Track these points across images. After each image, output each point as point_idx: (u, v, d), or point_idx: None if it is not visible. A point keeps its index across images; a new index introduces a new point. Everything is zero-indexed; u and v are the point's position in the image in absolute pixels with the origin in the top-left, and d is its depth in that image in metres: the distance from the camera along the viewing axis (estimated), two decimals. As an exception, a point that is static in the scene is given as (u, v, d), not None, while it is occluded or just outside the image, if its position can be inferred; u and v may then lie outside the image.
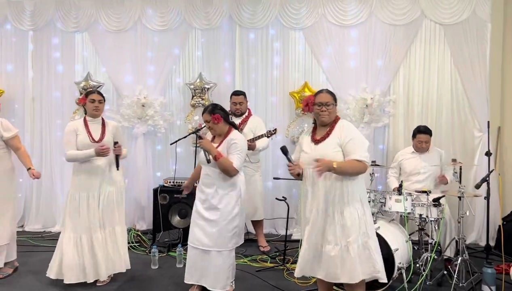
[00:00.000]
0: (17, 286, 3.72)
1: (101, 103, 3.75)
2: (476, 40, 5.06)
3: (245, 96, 4.78)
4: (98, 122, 3.75)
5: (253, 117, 4.76)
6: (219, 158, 3.25)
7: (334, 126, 2.88)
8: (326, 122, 2.89)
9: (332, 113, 2.89)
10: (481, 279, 3.62)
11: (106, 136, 3.71)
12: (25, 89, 5.76)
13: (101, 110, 3.76)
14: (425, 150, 4.44)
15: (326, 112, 2.86)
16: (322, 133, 2.89)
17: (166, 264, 4.30)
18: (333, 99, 2.91)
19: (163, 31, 5.55)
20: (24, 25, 5.69)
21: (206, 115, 3.40)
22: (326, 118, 2.87)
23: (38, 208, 5.74)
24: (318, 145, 2.85)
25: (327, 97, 2.90)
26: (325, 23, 5.31)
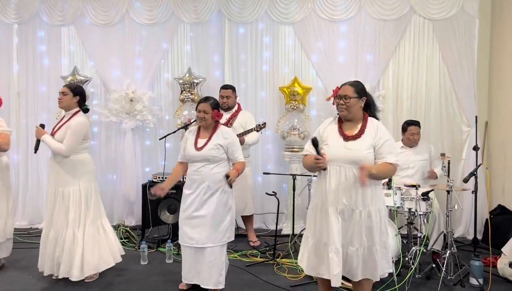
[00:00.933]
0: (3, 283, 3.66)
1: (65, 95, 3.60)
2: (464, 35, 5.10)
3: (234, 90, 4.75)
4: (67, 116, 3.63)
5: (243, 112, 4.74)
6: (240, 172, 3.40)
7: (366, 124, 2.72)
8: (346, 117, 2.74)
9: (353, 107, 2.69)
10: (469, 271, 3.68)
11: (60, 131, 3.57)
12: (10, 84, 5.65)
13: (64, 102, 3.61)
14: (417, 142, 4.47)
15: (344, 106, 2.70)
16: (352, 129, 2.72)
17: (156, 260, 4.27)
18: (356, 92, 2.69)
19: (151, 25, 5.49)
20: (8, 18, 5.58)
21: (207, 106, 3.36)
22: (344, 113, 2.71)
23: (25, 204, 5.67)
24: (350, 143, 2.67)
25: (346, 90, 2.71)
26: (314, 17, 5.30)
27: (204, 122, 3.40)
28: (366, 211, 2.67)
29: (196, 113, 3.41)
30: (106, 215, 3.88)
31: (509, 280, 3.71)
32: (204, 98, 3.47)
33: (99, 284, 3.63)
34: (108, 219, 5.55)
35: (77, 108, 3.66)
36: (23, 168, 5.67)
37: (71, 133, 3.50)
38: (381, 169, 2.63)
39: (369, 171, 2.54)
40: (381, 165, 2.65)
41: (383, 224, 2.75)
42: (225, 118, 4.63)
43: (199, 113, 3.38)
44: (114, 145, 5.64)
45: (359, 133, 2.70)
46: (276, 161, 5.51)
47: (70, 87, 3.69)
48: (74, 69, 5.52)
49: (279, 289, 3.57)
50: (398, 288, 3.43)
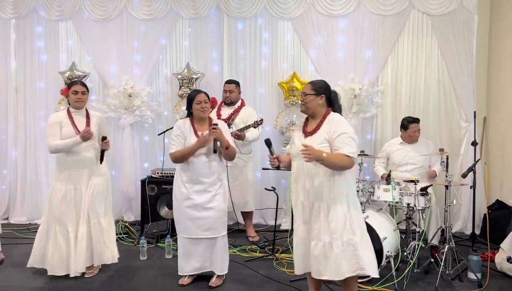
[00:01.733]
0: (3, 279, 3.67)
1: (84, 94, 3.63)
2: (463, 31, 5.10)
3: (238, 85, 4.76)
4: (82, 114, 3.66)
5: (246, 108, 4.74)
6: (229, 147, 3.38)
7: (323, 120, 2.81)
8: (305, 113, 2.89)
9: (311, 104, 2.81)
10: (467, 266, 3.69)
11: (91, 128, 3.61)
12: (8, 80, 5.63)
13: (85, 101, 3.65)
14: (417, 139, 4.49)
15: (302, 102, 2.84)
16: (312, 125, 2.85)
17: (155, 255, 4.28)
18: (313, 89, 2.82)
19: (150, 20, 5.46)
20: (6, 13, 5.55)
21: (205, 96, 3.42)
22: (302, 108, 2.87)
23: (23, 200, 5.65)
24: (307, 138, 2.80)
25: (306, 87, 2.88)
26: (313, 13, 5.29)
27: (207, 113, 3.43)
28: (324, 205, 2.73)
29: (195, 106, 3.38)
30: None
31: (507, 275, 3.73)
32: (197, 90, 3.48)
33: (99, 280, 3.64)
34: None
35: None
36: (22, 164, 5.65)
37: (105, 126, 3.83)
38: (334, 156, 2.67)
39: (316, 153, 2.58)
40: (333, 154, 2.69)
41: (348, 222, 2.71)
42: (228, 113, 4.64)
43: (199, 105, 3.37)
44: (112, 140, 5.59)
45: (315, 128, 2.81)
46: (275, 157, 5.50)
47: (86, 85, 3.72)
48: (72, 65, 5.50)
49: (278, 284, 3.58)
50: (396, 283, 3.44)
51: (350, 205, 2.75)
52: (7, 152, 5.66)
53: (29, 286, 3.51)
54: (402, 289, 3.43)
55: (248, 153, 4.73)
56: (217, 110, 4.71)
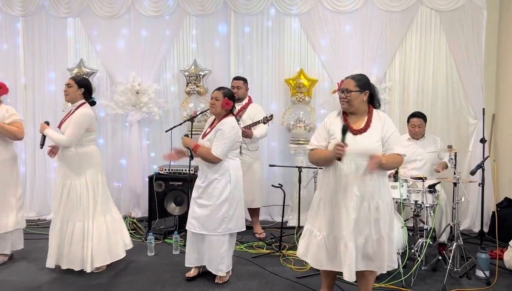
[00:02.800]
0: (13, 274, 3.71)
1: (70, 87, 3.61)
2: (472, 27, 5.05)
3: (246, 82, 4.76)
4: (73, 109, 3.65)
5: (253, 105, 4.75)
6: (196, 150, 3.39)
7: (371, 117, 2.74)
8: (347, 110, 2.76)
9: (354, 101, 2.71)
10: (475, 264, 3.67)
11: (65, 122, 3.59)
12: (17, 76, 5.67)
13: (70, 94, 3.62)
14: (418, 135, 4.45)
15: (345, 99, 2.72)
16: (358, 123, 2.74)
17: (163, 251, 4.30)
18: (357, 85, 2.70)
19: (157, 17, 5.47)
20: (14, 10, 5.58)
21: (218, 93, 3.43)
22: (345, 106, 2.74)
23: (33, 196, 5.71)
24: (358, 136, 2.69)
25: (347, 83, 2.73)
26: (321, 9, 5.26)
27: (213, 109, 3.44)
28: (374, 203, 2.70)
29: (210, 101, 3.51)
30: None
31: (515, 272, 3.71)
32: (219, 87, 3.55)
33: (107, 275, 3.67)
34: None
35: (82, 100, 3.66)
36: (31, 160, 5.71)
37: (73, 124, 3.51)
38: (390, 159, 2.68)
39: (379, 160, 2.57)
40: (389, 156, 2.69)
41: (391, 218, 2.78)
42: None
43: (211, 100, 3.47)
44: (120, 137, 5.67)
45: (366, 126, 2.72)
46: (281, 153, 5.51)
47: (75, 79, 3.69)
48: (80, 62, 5.52)
49: (285, 280, 3.59)
50: (404, 280, 3.44)
51: (390, 202, 2.82)
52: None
53: (38, 281, 3.55)
54: (410, 286, 3.42)
55: (255, 150, 4.73)
56: None
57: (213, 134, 3.38)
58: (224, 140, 3.33)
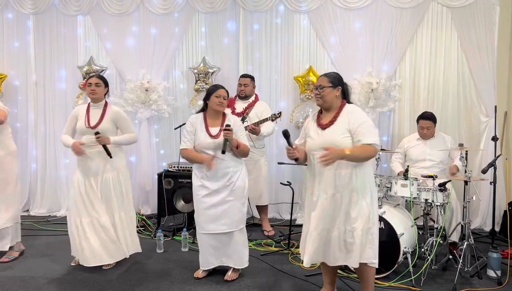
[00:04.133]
0: (23, 270, 3.75)
1: (99, 86, 3.66)
2: (484, 23, 4.98)
3: (253, 79, 4.76)
4: (99, 107, 3.69)
5: (260, 102, 4.74)
6: (240, 146, 3.36)
7: (340, 111, 2.80)
8: (322, 106, 2.86)
9: (327, 96, 2.80)
10: (486, 263, 3.63)
11: (103, 122, 3.64)
12: (28, 74, 5.72)
13: (99, 93, 3.67)
14: (427, 136, 4.40)
15: (319, 95, 2.81)
16: (328, 118, 2.83)
17: (172, 248, 4.32)
18: (330, 81, 2.81)
19: (166, 14, 5.48)
20: (25, 8, 5.63)
21: (225, 92, 3.43)
22: (319, 102, 2.84)
23: (43, 192, 5.77)
24: (325, 131, 2.79)
25: (321, 80, 2.84)
26: (330, 6, 5.23)
27: (222, 107, 3.43)
28: (347, 196, 2.74)
29: (214, 99, 3.37)
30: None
31: (527, 273, 3.65)
32: (219, 85, 3.48)
33: (116, 272, 3.69)
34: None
35: (105, 99, 3.75)
36: (41, 157, 5.76)
37: (127, 120, 3.78)
38: (357, 150, 2.69)
39: (338, 153, 2.61)
40: (356, 147, 2.70)
41: (367, 210, 2.75)
42: (242, 107, 4.63)
43: (218, 99, 3.37)
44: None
45: (332, 119, 2.80)
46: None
47: (102, 78, 3.75)
48: (90, 59, 5.56)
49: (294, 278, 3.58)
50: (414, 279, 3.41)
51: (372, 195, 2.81)
52: (27, 144, 5.77)
53: (48, 277, 3.58)
54: (420, 285, 3.39)
55: (262, 147, 4.72)
56: (231, 104, 4.72)
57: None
58: (245, 134, 3.53)
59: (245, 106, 4.64)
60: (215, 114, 3.44)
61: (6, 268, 3.77)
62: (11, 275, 3.62)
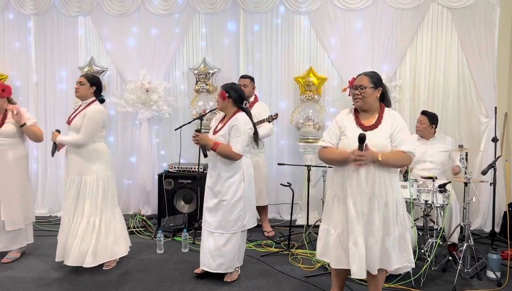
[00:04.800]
0: (24, 270, 3.76)
1: (82, 84, 3.65)
2: (484, 24, 4.98)
3: (252, 80, 4.76)
4: (83, 105, 3.69)
5: (259, 103, 4.74)
6: (216, 148, 3.29)
7: (382, 114, 2.73)
8: (361, 108, 2.74)
9: (370, 97, 2.70)
10: (486, 265, 3.63)
11: (76, 118, 3.62)
12: (29, 74, 5.74)
13: (81, 91, 3.66)
14: (419, 131, 4.39)
15: (360, 96, 2.70)
16: (369, 119, 2.73)
17: (172, 248, 4.33)
18: (372, 82, 2.70)
19: (167, 15, 5.49)
20: (26, 9, 5.64)
21: (221, 90, 3.46)
22: (359, 103, 2.72)
23: (44, 193, 5.78)
24: (368, 133, 2.64)
25: (362, 80, 2.72)
26: (330, 7, 5.23)
27: (219, 106, 3.46)
28: (383, 201, 2.68)
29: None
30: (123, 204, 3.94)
31: (527, 274, 3.66)
32: (224, 85, 3.54)
33: (116, 272, 3.70)
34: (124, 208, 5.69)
35: (93, 98, 3.71)
36: (42, 157, 5.77)
37: (88, 120, 3.55)
38: (391, 156, 2.63)
39: (372, 156, 2.55)
40: (391, 152, 2.64)
41: (401, 216, 2.73)
42: None
43: (218, 98, 3.50)
44: (130, 135, 5.70)
45: (376, 122, 2.71)
46: (290, 152, 5.50)
47: (87, 77, 3.74)
48: (90, 60, 5.56)
49: (293, 279, 3.59)
50: (413, 281, 3.41)
51: (402, 200, 2.78)
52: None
53: (49, 278, 3.59)
54: (419, 286, 3.40)
55: (261, 148, 4.71)
56: None
57: (226, 130, 3.35)
58: (241, 136, 3.31)
59: (244, 107, 4.64)
60: (225, 111, 3.49)
61: (7, 268, 3.78)
62: (12, 275, 3.63)
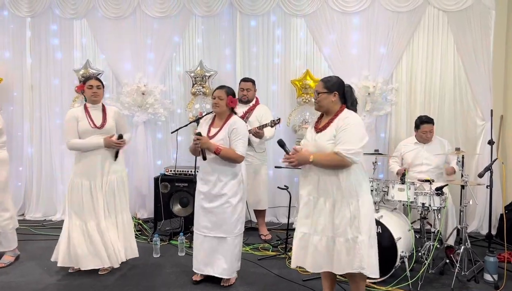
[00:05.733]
0: (18, 275, 3.72)
1: (100, 88, 3.68)
2: (480, 27, 5.00)
3: (254, 83, 4.76)
4: (98, 109, 3.71)
5: (260, 106, 4.73)
6: (219, 152, 3.27)
7: (335, 117, 2.78)
8: (319, 111, 2.88)
9: (324, 102, 2.80)
10: (483, 267, 3.63)
11: (108, 122, 3.67)
12: (24, 77, 5.69)
13: (100, 95, 3.71)
14: (429, 140, 4.41)
15: (316, 100, 2.84)
16: (324, 122, 2.84)
17: (168, 252, 4.30)
18: (325, 87, 2.80)
19: (163, 17, 5.47)
20: (21, 11, 5.60)
21: (221, 92, 3.38)
22: (316, 107, 2.87)
23: (39, 196, 5.73)
24: (317, 135, 2.81)
25: (318, 85, 2.87)
26: (327, 9, 5.23)
27: (218, 109, 3.39)
28: (330, 200, 2.72)
29: (212, 101, 3.43)
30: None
31: (524, 276, 3.66)
32: (220, 86, 3.50)
33: (112, 277, 3.67)
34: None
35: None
36: (37, 161, 5.72)
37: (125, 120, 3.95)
38: (322, 158, 2.70)
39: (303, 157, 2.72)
40: (324, 154, 2.70)
41: (355, 219, 2.67)
42: (242, 111, 4.63)
43: (213, 100, 3.41)
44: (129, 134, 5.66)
45: (326, 124, 2.79)
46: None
47: (100, 80, 3.76)
48: (86, 63, 5.54)
49: (291, 283, 3.57)
50: (411, 284, 3.41)
51: (360, 203, 2.70)
52: (22, 148, 5.73)
53: (44, 282, 3.56)
54: (417, 290, 3.39)
55: (262, 152, 4.72)
56: None
57: (225, 134, 3.34)
58: (243, 138, 3.35)
59: (245, 110, 4.64)
60: (218, 115, 3.45)
61: (2, 273, 3.74)
62: (6, 280, 3.60)
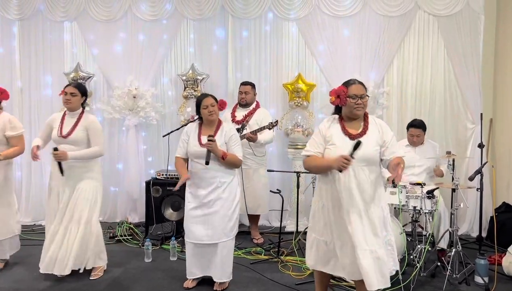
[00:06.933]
0: (8, 280, 3.66)
1: (74, 96, 3.58)
2: (469, 32, 5.07)
3: (254, 87, 4.76)
4: (74, 116, 3.63)
5: (260, 109, 4.73)
6: (226, 157, 3.29)
7: (367, 121, 2.74)
8: (358, 116, 2.74)
9: (366, 106, 2.75)
10: (474, 270, 3.66)
11: (75, 131, 3.56)
12: (13, 80, 5.64)
13: (74, 103, 3.59)
14: (417, 144, 4.44)
15: (362, 105, 2.69)
16: (356, 127, 2.72)
17: (160, 257, 4.27)
18: (367, 90, 2.77)
19: (154, 21, 5.46)
20: (10, 14, 5.56)
21: (212, 100, 3.39)
22: (361, 112, 2.72)
23: (28, 201, 5.67)
24: None
25: (362, 89, 2.71)
26: (319, 14, 5.26)
27: (215, 116, 3.41)
28: (371, 210, 2.67)
29: (203, 111, 3.38)
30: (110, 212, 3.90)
31: (514, 278, 3.70)
32: (204, 94, 3.49)
33: (104, 282, 3.63)
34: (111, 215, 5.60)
35: (81, 108, 3.69)
36: (26, 165, 5.66)
37: (98, 132, 3.63)
38: (403, 167, 2.63)
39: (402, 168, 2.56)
40: (401, 162, 2.63)
41: (388, 222, 2.76)
42: (242, 115, 4.63)
43: (206, 109, 3.37)
44: (117, 142, 5.63)
45: (363, 130, 2.71)
46: (279, 158, 5.49)
47: (79, 88, 3.66)
48: (77, 66, 5.49)
49: (284, 287, 3.56)
50: (403, 287, 3.41)
51: (386, 207, 2.80)
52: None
53: (35, 288, 3.51)
54: (409, 293, 3.41)
55: (262, 156, 4.69)
56: (232, 111, 4.72)
57: (222, 140, 3.35)
58: (240, 143, 3.45)
59: (245, 113, 4.63)
60: (209, 122, 3.43)
61: (-10, 279, 3.69)
62: (-5, 286, 3.55)
